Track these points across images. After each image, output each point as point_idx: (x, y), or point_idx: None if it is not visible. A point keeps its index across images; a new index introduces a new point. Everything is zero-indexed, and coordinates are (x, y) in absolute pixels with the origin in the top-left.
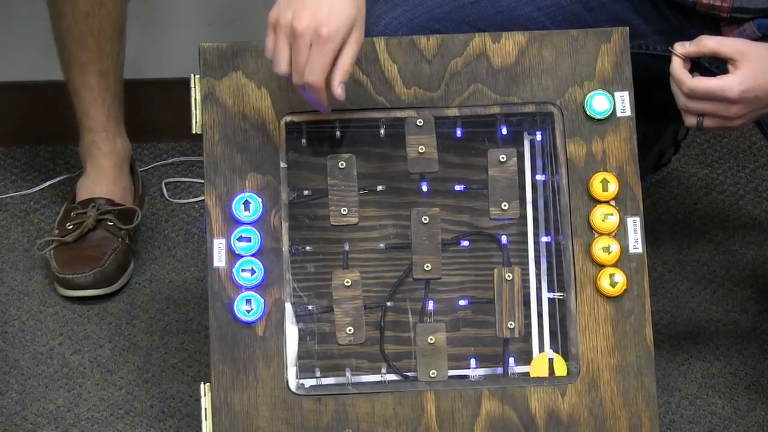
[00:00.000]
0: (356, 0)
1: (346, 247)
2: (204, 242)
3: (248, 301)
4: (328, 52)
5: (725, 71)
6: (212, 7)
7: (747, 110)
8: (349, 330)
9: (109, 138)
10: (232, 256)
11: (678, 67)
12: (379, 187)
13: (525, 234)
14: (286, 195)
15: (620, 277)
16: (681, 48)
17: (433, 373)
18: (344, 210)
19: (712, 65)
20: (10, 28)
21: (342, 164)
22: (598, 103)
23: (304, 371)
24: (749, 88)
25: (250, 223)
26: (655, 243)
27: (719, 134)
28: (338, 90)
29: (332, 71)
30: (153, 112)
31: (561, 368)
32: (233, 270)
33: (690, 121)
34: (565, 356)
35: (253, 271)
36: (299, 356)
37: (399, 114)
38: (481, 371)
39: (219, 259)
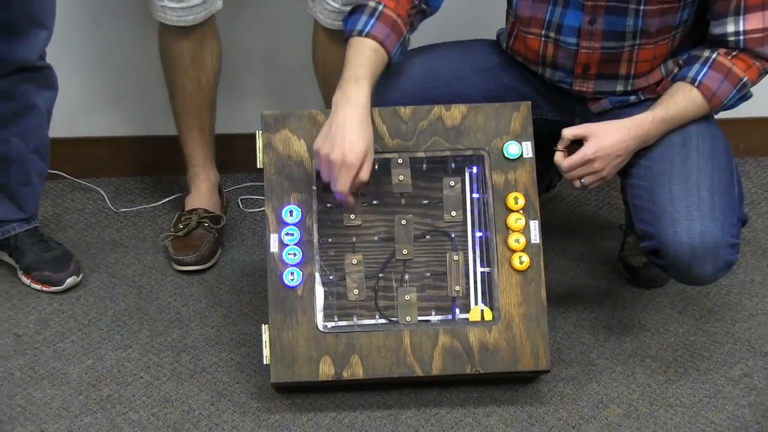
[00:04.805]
0: (366, 137)
1: (354, 240)
2: (265, 236)
3: (292, 274)
4: (351, 172)
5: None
6: (269, 88)
7: (606, 163)
8: (356, 291)
9: (205, 171)
10: (282, 245)
11: (557, 158)
12: (374, 202)
13: (466, 231)
14: (316, 207)
15: (526, 258)
16: (560, 145)
17: (408, 319)
18: (352, 216)
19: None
20: (147, 101)
21: None
22: (512, 149)
23: (327, 317)
24: (598, 149)
25: (293, 224)
26: (548, 236)
27: None
28: (351, 199)
29: (353, 182)
30: (234, 154)
31: (489, 315)
32: (283, 254)
33: (576, 184)
34: (492, 308)
35: (295, 255)
36: (324, 308)
37: (386, 155)
38: (438, 317)
39: (274, 247)
